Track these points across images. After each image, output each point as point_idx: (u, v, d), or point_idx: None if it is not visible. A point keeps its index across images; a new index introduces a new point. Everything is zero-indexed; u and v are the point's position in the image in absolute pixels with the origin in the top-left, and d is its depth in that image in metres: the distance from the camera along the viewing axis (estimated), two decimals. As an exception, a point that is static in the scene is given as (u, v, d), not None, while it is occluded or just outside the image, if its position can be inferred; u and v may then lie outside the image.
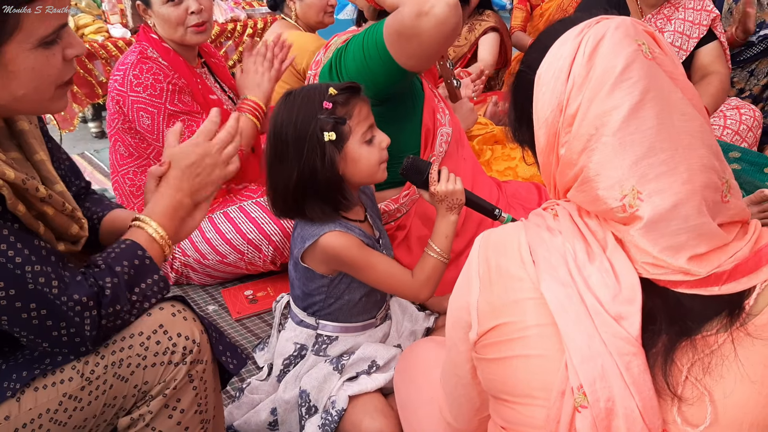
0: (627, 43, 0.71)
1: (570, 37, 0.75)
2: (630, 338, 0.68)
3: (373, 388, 1.42)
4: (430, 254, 1.43)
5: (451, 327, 0.86)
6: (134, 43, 2.05)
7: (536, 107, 0.78)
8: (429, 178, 1.41)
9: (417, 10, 1.45)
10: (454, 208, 1.43)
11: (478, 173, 1.92)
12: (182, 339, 1.05)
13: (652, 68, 0.71)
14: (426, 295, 1.45)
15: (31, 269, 0.91)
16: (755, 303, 0.69)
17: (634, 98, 0.69)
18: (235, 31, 3.75)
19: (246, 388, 1.53)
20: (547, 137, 0.77)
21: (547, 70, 0.76)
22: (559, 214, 0.78)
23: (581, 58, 0.72)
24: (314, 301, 1.46)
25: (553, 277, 0.73)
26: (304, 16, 2.68)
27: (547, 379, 0.73)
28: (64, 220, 1.00)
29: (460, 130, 1.93)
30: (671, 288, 0.70)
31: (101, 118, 3.77)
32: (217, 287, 2.14)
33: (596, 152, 0.71)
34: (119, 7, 3.54)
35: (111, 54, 3.33)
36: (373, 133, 1.38)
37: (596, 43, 0.72)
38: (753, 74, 2.93)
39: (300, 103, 1.33)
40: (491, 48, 3.22)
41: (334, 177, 1.33)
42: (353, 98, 1.35)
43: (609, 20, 0.74)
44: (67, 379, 1.00)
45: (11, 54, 0.90)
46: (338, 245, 1.35)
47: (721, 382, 0.68)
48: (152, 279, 1.06)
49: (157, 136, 1.95)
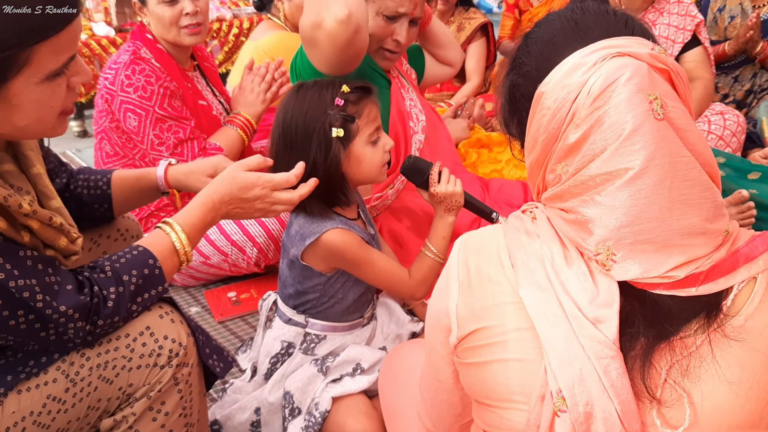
0: (638, 100, 0.68)
1: (580, 64, 0.71)
2: (608, 342, 0.68)
3: (356, 389, 1.41)
4: (427, 254, 1.44)
5: (431, 331, 0.85)
6: (128, 41, 2.03)
7: (532, 126, 0.77)
8: (429, 179, 1.42)
9: (312, 21, 1.45)
10: (453, 210, 1.44)
11: (461, 172, 1.92)
12: (168, 342, 1.04)
13: (661, 130, 0.68)
14: (422, 294, 1.47)
15: (15, 284, 0.89)
16: (732, 304, 0.69)
17: (636, 167, 0.67)
18: (221, 31, 3.73)
19: (229, 388, 1.52)
20: (537, 157, 0.77)
21: (550, 94, 0.73)
22: (537, 217, 0.78)
23: (586, 98, 0.70)
24: (308, 299, 1.46)
25: (531, 281, 0.73)
26: (293, 17, 2.67)
27: (526, 384, 0.72)
28: (50, 233, 0.97)
29: (436, 134, 1.93)
30: (649, 290, 0.70)
31: (83, 116, 3.74)
32: (200, 289, 2.12)
33: (588, 206, 0.71)
34: (103, 5, 3.50)
35: (94, 52, 3.30)
36: (378, 134, 1.39)
37: (604, 88, 0.69)
38: (737, 80, 2.97)
39: (311, 97, 1.34)
40: (479, 58, 3.24)
41: (336, 173, 1.33)
42: (365, 98, 1.36)
43: (625, 64, 0.69)
44: (51, 380, 0.99)
45: (17, 88, 0.87)
46: (341, 242, 1.36)
47: (699, 384, 0.68)
48: (156, 290, 1.05)
49: (142, 138, 1.93)
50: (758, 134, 2.70)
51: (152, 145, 1.93)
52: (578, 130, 0.70)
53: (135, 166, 2.03)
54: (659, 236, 0.68)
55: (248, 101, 2.10)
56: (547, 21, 0.80)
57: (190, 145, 1.93)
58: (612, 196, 0.69)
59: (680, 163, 0.68)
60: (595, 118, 0.69)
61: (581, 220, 0.72)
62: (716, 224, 0.70)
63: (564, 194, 0.74)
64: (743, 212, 1.78)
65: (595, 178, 0.70)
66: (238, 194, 1.15)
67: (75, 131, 3.75)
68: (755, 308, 0.68)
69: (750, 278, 0.69)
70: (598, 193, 0.70)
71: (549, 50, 0.76)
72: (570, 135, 0.71)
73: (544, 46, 0.78)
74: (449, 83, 3.33)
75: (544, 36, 0.79)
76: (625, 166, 0.68)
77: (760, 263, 0.69)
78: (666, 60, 0.71)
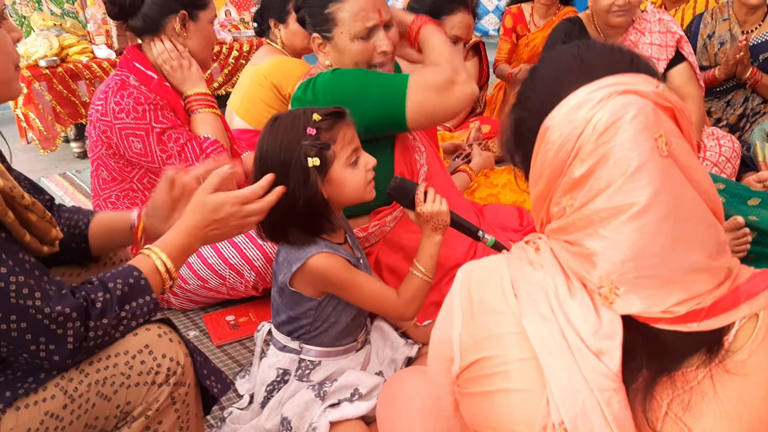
0: (644, 138, 0.69)
1: (586, 100, 0.72)
2: (610, 374, 0.68)
3: (354, 415, 1.41)
4: (415, 274, 1.45)
5: (434, 360, 0.86)
6: (117, 68, 2.04)
7: (537, 159, 0.77)
8: (415, 199, 1.44)
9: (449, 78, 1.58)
10: (439, 229, 1.45)
11: (455, 198, 1.93)
12: (167, 360, 1.05)
13: (666, 168, 0.69)
14: (411, 314, 1.46)
15: (15, 280, 0.92)
16: (734, 340, 0.69)
17: (641, 203, 0.68)
18: (221, 54, 3.76)
19: (228, 417, 1.51)
20: (542, 190, 0.78)
21: (555, 129, 0.74)
22: (540, 248, 0.79)
23: (591, 134, 0.70)
24: (301, 325, 1.46)
25: (534, 311, 0.73)
26: (290, 43, 2.71)
27: (528, 414, 0.72)
28: (45, 225, 1.04)
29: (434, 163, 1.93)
30: (651, 324, 0.70)
31: (84, 138, 3.74)
32: (198, 312, 2.11)
33: (592, 239, 0.72)
34: (104, 28, 3.54)
35: (95, 75, 3.33)
36: (357, 155, 1.40)
37: (610, 125, 0.70)
38: (729, 104, 3.00)
39: (284, 129, 1.35)
40: None
41: (318, 201, 1.34)
42: (337, 123, 1.37)
43: (630, 101, 0.70)
44: (50, 397, 1.00)
45: None
46: (326, 266, 1.37)
47: (701, 419, 0.68)
48: (143, 299, 1.07)
49: (152, 158, 1.94)
50: (752, 158, 2.73)
51: (162, 161, 1.93)
52: (583, 165, 0.71)
53: (133, 190, 2.04)
54: (662, 272, 0.69)
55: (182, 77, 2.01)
56: (553, 57, 0.81)
57: (190, 147, 1.94)
58: (616, 230, 0.69)
59: (685, 200, 0.69)
60: (600, 154, 0.70)
61: (585, 253, 0.72)
62: (719, 261, 0.71)
63: (568, 227, 0.75)
64: (738, 239, 1.79)
65: (600, 212, 0.70)
66: (211, 216, 1.17)
67: (75, 152, 3.76)
68: (759, 344, 0.69)
69: (751, 314, 0.70)
70: (602, 227, 0.70)
71: (555, 85, 0.77)
72: (575, 169, 0.72)
73: (551, 81, 0.79)
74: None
75: (551, 72, 0.80)
76: (631, 201, 0.68)
77: (761, 300, 0.70)
78: (670, 98, 0.72)
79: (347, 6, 1.62)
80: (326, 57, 1.72)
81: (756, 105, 2.96)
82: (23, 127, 3.40)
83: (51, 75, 3.24)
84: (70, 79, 3.28)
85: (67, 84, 3.27)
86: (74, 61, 3.32)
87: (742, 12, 2.90)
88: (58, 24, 3.54)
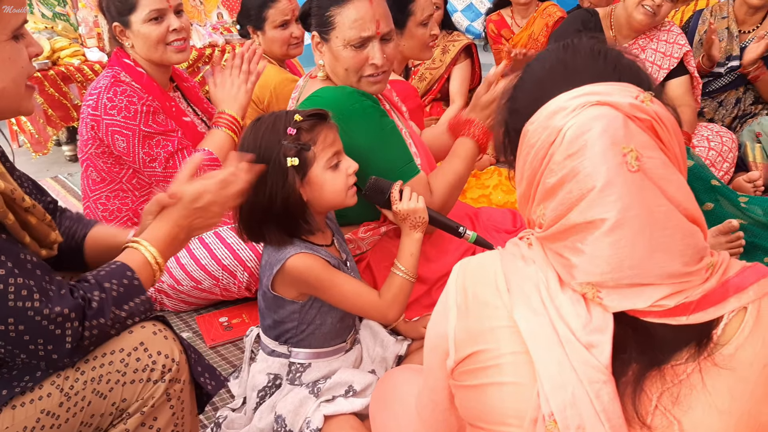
0: (611, 154, 0.69)
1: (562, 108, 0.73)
2: (600, 366, 0.69)
3: (350, 410, 1.41)
4: (396, 273, 1.45)
5: (429, 354, 0.86)
6: (107, 67, 2.04)
7: (519, 160, 0.79)
8: (391, 197, 1.44)
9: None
10: (418, 226, 1.46)
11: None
12: (162, 357, 1.06)
13: (636, 182, 0.69)
14: (394, 314, 1.46)
15: (14, 282, 0.93)
16: (723, 333, 0.70)
17: (612, 218, 0.69)
18: (213, 56, 3.76)
19: (223, 423, 1.50)
20: (524, 190, 0.79)
21: (533, 134, 0.75)
22: (533, 243, 0.80)
23: (559, 145, 0.72)
24: (286, 328, 1.46)
25: (526, 305, 0.74)
26: (269, 50, 2.63)
27: (520, 407, 0.73)
28: (44, 228, 1.04)
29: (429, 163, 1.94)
30: (640, 317, 0.71)
31: (75, 141, 3.73)
32: (191, 314, 2.11)
33: (572, 252, 0.73)
34: (96, 31, 3.53)
35: (87, 77, 3.32)
36: (339, 158, 1.40)
37: (575, 137, 0.70)
38: (722, 105, 3.02)
39: (265, 129, 1.36)
40: (462, 81, 3.25)
41: (296, 202, 1.35)
42: (319, 124, 1.38)
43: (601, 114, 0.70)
44: (46, 395, 1.01)
45: None
46: (303, 266, 1.37)
47: (689, 413, 0.69)
48: (138, 299, 1.08)
49: (133, 158, 1.94)
50: (743, 158, 2.75)
51: (144, 162, 1.94)
52: (554, 175, 0.72)
53: (123, 190, 2.04)
54: (642, 280, 0.70)
55: (230, 96, 2.04)
56: (543, 57, 0.82)
57: (181, 156, 1.94)
58: (593, 245, 0.70)
59: (658, 213, 0.69)
60: (570, 168, 0.71)
61: (566, 264, 0.74)
62: (699, 265, 0.72)
63: (550, 237, 0.76)
64: (732, 241, 1.81)
65: (576, 226, 0.72)
66: (192, 205, 1.16)
67: (67, 155, 3.75)
68: (745, 338, 0.69)
69: (740, 308, 0.70)
70: (580, 240, 0.72)
71: (538, 90, 0.78)
72: (547, 178, 0.73)
73: (536, 83, 0.80)
74: (437, 107, 3.36)
75: (537, 73, 0.81)
76: (601, 216, 0.69)
77: (750, 293, 0.71)
78: (648, 109, 0.72)
79: (346, 12, 1.62)
80: (321, 56, 1.72)
81: (747, 106, 2.98)
82: (14, 131, 3.38)
83: (42, 78, 3.23)
84: (62, 82, 3.27)
85: (58, 87, 3.26)
86: (66, 64, 3.31)
87: (742, 11, 2.89)
88: (49, 27, 3.52)
